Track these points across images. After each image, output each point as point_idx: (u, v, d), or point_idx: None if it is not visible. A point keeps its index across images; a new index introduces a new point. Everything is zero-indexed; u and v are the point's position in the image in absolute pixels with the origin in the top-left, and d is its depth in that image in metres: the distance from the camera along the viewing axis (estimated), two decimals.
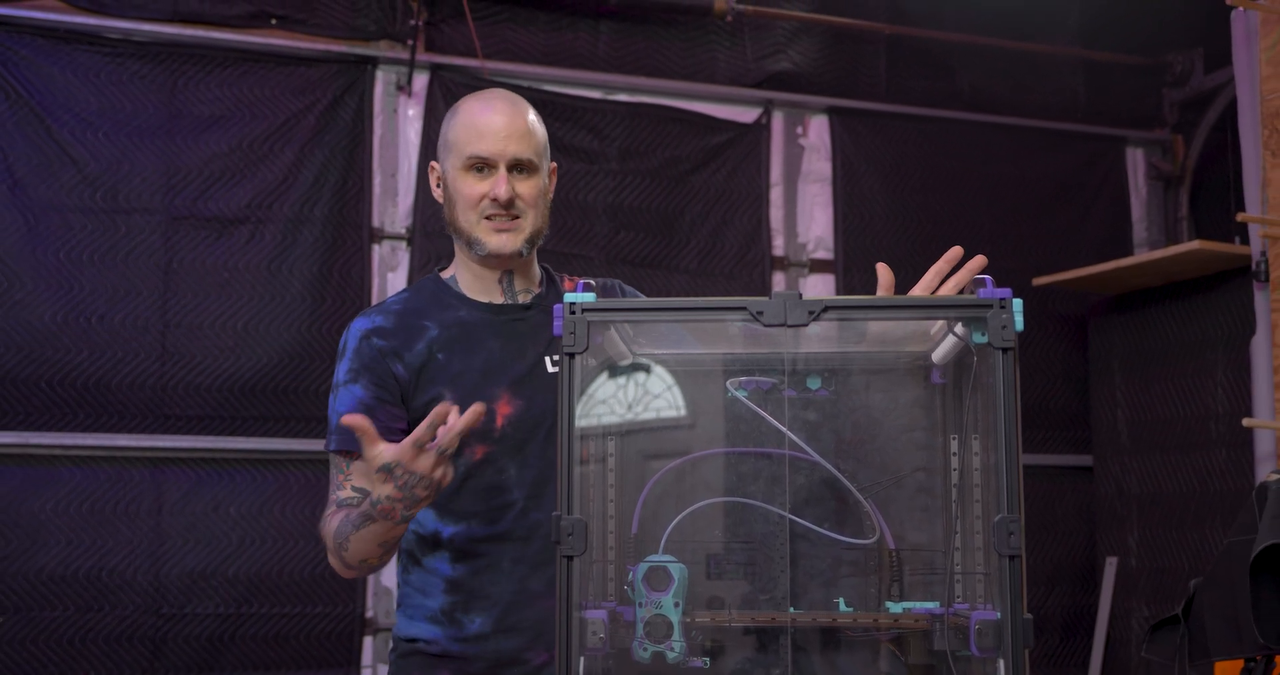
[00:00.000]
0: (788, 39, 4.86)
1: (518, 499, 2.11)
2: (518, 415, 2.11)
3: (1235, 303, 4.49)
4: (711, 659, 1.79)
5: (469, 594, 2.11)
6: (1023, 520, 1.60)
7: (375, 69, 4.37)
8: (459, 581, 2.11)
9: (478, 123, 2.13)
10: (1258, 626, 2.58)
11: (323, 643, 4.14)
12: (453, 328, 2.15)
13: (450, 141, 2.16)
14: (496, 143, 2.11)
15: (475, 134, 2.12)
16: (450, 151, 2.16)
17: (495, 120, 2.12)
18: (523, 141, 2.13)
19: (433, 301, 2.20)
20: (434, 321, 2.15)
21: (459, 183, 2.15)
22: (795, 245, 4.82)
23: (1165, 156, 5.31)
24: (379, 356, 2.12)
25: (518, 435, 2.11)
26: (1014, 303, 1.63)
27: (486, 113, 2.14)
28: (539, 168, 2.16)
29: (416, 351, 2.12)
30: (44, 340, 3.94)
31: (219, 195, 4.16)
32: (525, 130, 2.14)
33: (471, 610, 2.10)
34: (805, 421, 1.82)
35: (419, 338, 2.14)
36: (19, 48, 3.99)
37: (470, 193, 2.13)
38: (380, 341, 2.13)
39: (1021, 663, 1.59)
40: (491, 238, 2.14)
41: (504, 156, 2.12)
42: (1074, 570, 5.04)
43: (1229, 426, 4.48)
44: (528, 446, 2.11)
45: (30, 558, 3.87)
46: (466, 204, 2.14)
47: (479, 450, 2.10)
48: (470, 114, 2.15)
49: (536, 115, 2.19)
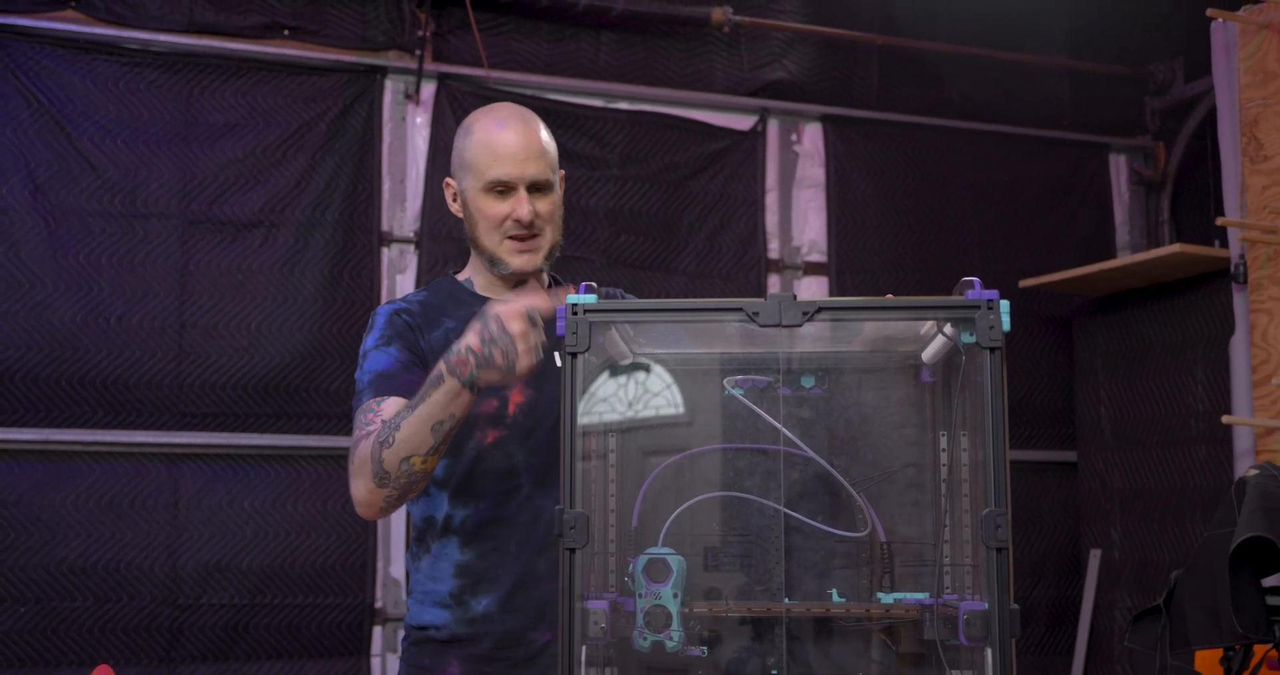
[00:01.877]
0: (783, 49, 4.86)
1: (524, 484, 2.11)
2: (528, 403, 2.12)
3: (1215, 304, 4.48)
4: (709, 648, 1.79)
5: (477, 577, 2.11)
6: (1009, 514, 1.60)
7: (384, 78, 4.37)
8: (468, 565, 2.11)
9: (494, 144, 2.12)
10: (1236, 616, 2.58)
11: (333, 632, 4.14)
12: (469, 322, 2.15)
13: (468, 162, 2.16)
14: (515, 166, 2.11)
15: (493, 157, 2.12)
16: (468, 172, 2.16)
17: (512, 141, 2.12)
18: (540, 162, 2.13)
19: (450, 299, 2.21)
20: (452, 317, 2.16)
21: (480, 203, 2.15)
22: (790, 248, 4.82)
23: (1147, 163, 5.31)
24: (409, 328, 2.14)
25: (527, 422, 2.11)
26: (1001, 304, 1.63)
27: (502, 133, 2.13)
28: (554, 184, 2.17)
29: (435, 337, 2.14)
30: (64, 340, 3.94)
31: (233, 200, 4.16)
32: (540, 150, 2.14)
33: (479, 592, 2.10)
34: (800, 419, 1.82)
35: (437, 327, 2.15)
36: (41, 58, 3.99)
37: (492, 215, 2.14)
38: (408, 318, 2.15)
39: (1008, 652, 1.59)
40: (515, 258, 2.15)
41: (523, 179, 2.12)
42: (1059, 562, 5.04)
43: (1209, 423, 4.48)
44: (535, 433, 2.11)
45: (51, 550, 3.87)
46: (489, 225, 2.15)
47: (491, 434, 2.10)
48: (486, 134, 2.14)
49: (547, 130, 2.19)
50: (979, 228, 5.06)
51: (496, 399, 2.10)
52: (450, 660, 2.12)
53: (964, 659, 1.71)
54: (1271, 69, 3.90)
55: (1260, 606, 2.61)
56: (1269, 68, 3.91)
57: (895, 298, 1.73)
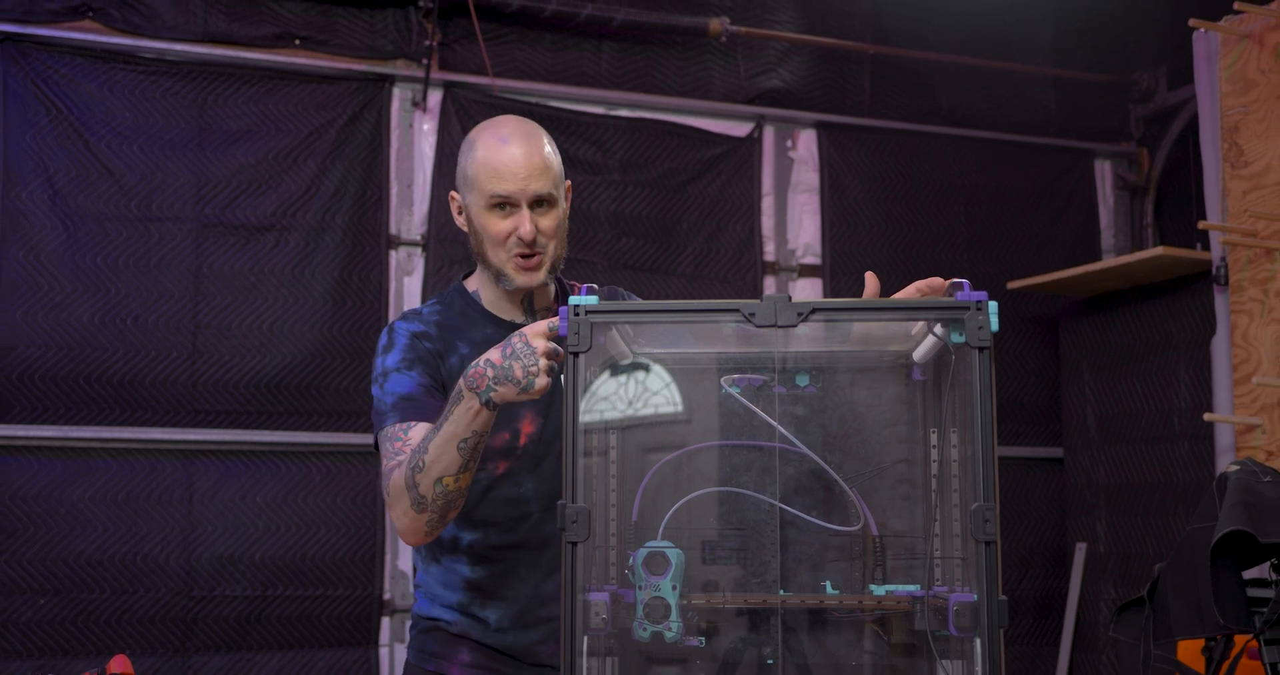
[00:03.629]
0: (778, 58, 4.86)
1: (534, 511, 2.09)
2: (538, 433, 2.08)
3: (1197, 305, 4.48)
4: (707, 638, 1.79)
5: (487, 594, 2.09)
6: (998, 508, 1.60)
7: (392, 86, 4.37)
8: (477, 582, 2.10)
9: (496, 161, 2.04)
10: (1217, 608, 2.58)
11: (343, 623, 4.14)
12: (481, 347, 2.04)
13: (471, 178, 2.07)
14: (517, 182, 2.03)
15: (495, 173, 2.03)
16: (472, 188, 2.07)
17: (514, 156, 2.03)
18: (542, 178, 2.04)
19: (462, 318, 2.15)
20: (465, 341, 2.11)
21: (483, 220, 2.06)
22: (785, 251, 4.82)
23: (1131, 168, 5.31)
24: (431, 355, 2.08)
25: (537, 451, 2.09)
26: (989, 305, 1.63)
27: (504, 149, 2.04)
28: (558, 198, 2.08)
29: (451, 364, 2.09)
30: (83, 340, 3.94)
31: (246, 204, 4.16)
32: (543, 165, 2.05)
33: (489, 607, 2.09)
34: (794, 416, 1.82)
35: (452, 353, 2.10)
36: (60, 67, 3.99)
37: (496, 232, 2.06)
38: (429, 345, 2.09)
39: (997, 642, 1.59)
40: (520, 275, 2.07)
41: (525, 195, 2.04)
42: (1046, 555, 5.04)
43: (1191, 421, 4.48)
44: (545, 462, 2.08)
45: (70, 543, 3.87)
46: (493, 242, 2.07)
47: (501, 465, 2.07)
48: (488, 150, 2.05)
49: (551, 142, 2.11)
50: (968, 231, 5.06)
51: (509, 432, 2.06)
52: (460, 648, 2.11)
53: (954, 649, 1.71)
54: (1252, 77, 3.90)
55: (1241, 598, 2.61)
56: (1249, 76, 3.91)
57: (887, 298, 1.73)
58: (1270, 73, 3.85)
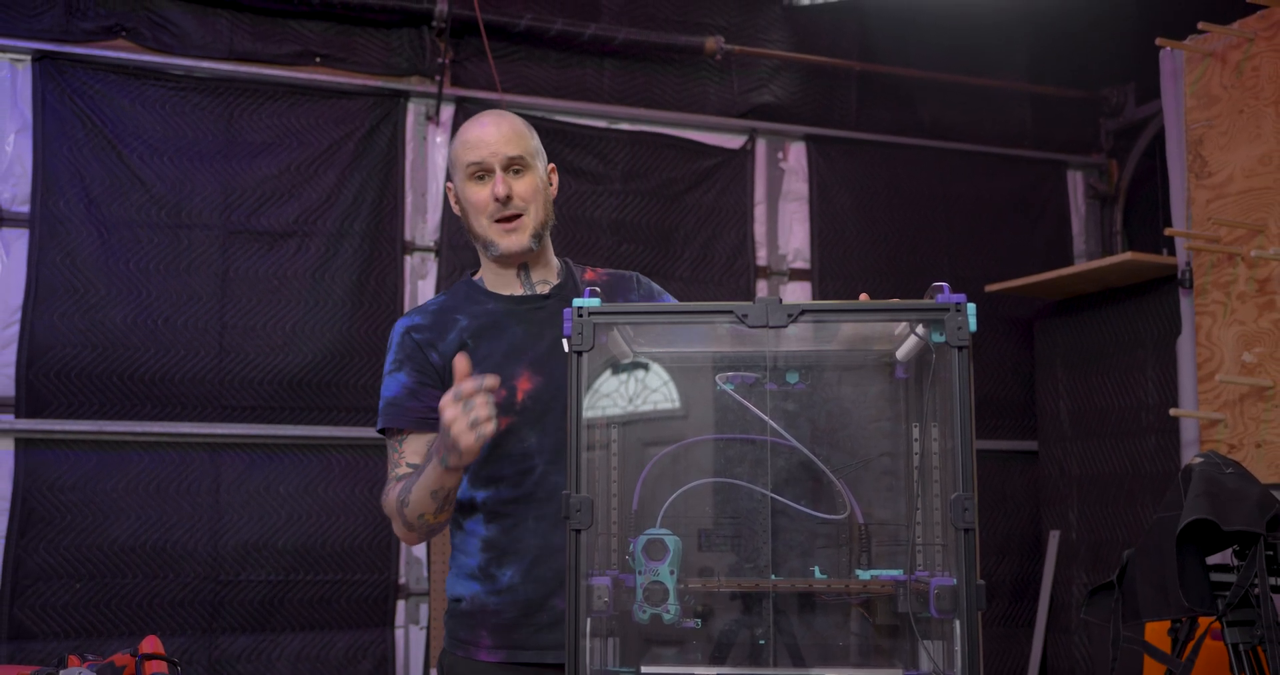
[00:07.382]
0: (770, 75, 4.86)
1: (539, 464, 2.10)
2: (536, 390, 2.10)
3: (1163, 307, 4.48)
4: (702, 620, 1.79)
5: (501, 550, 2.10)
6: (976, 498, 1.60)
7: (407, 101, 4.37)
8: (492, 540, 2.11)
9: (470, 136, 2.13)
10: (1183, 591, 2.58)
11: (361, 605, 4.14)
12: (481, 318, 2.15)
13: (453, 158, 2.17)
14: (488, 148, 2.11)
15: (468, 145, 2.12)
16: (455, 168, 2.16)
17: (486, 130, 2.13)
18: (511, 143, 2.12)
19: (465, 299, 2.20)
20: (465, 314, 2.16)
21: (466, 192, 2.15)
22: (776, 256, 4.82)
23: (1102, 178, 5.31)
24: (417, 348, 2.14)
25: (537, 407, 2.10)
26: (968, 307, 1.63)
27: (477, 127, 2.14)
28: (532, 165, 2.14)
29: (449, 341, 2.13)
30: (116, 340, 3.94)
31: (270, 212, 4.16)
32: (512, 134, 2.13)
33: (504, 565, 2.10)
34: (785, 411, 1.82)
35: (451, 328, 2.14)
36: (95, 83, 3.99)
37: (476, 199, 2.13)
38: (418, 336, 2.15)
39: (975, 623, 1.59)
40: (502, 239, 2.14)
41: (497, 158, 2.11)
42: (1021, 542, 5.04)
43: (1158, 416, 4.48)
44: (546, 417, 2.10)
45: (104, 531, 3.87)
46: (475, 210, 2.14)
47: (502, 422, 2.08)
48: (465, 132, 2.15)
49: (526, 124, 2.18)
50: (948, 237, 5.05)
51: (505, 389, 2.09)
52: (480, 632, 2.11)
53: (935, 630, 1.71)
54: (1215, 93, 3.90)
55: (1204, 582, 2.61)
56: (1213, 92, 3.91)
57: (872, 300, 1.73)
58: (1232, 88, 3.85)
